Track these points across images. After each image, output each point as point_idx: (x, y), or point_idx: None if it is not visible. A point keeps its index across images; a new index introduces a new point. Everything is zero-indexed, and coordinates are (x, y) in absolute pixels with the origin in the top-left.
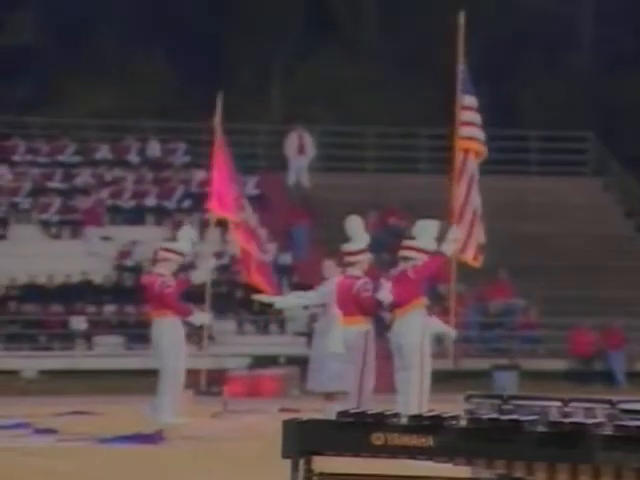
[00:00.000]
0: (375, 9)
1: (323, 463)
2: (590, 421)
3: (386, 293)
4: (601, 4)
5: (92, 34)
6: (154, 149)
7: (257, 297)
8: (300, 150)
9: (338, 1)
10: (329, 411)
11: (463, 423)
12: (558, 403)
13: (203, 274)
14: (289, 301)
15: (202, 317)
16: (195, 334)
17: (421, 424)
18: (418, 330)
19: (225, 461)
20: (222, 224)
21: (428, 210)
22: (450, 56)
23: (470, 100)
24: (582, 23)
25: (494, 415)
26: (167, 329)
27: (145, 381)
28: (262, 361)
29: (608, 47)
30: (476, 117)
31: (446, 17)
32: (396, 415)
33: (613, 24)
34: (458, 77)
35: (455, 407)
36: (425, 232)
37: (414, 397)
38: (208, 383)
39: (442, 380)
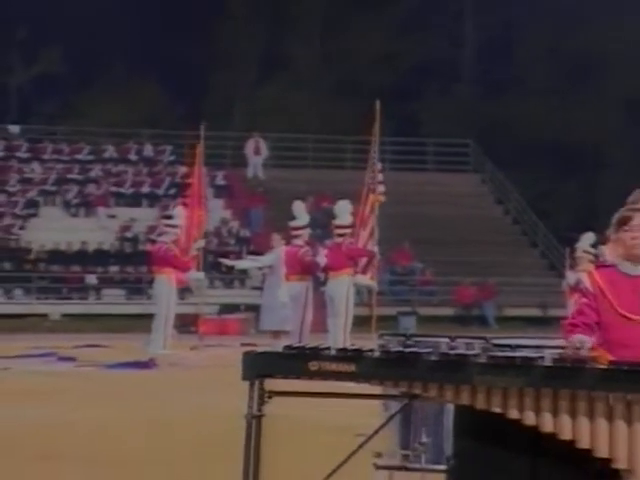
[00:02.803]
0: (319, 49)
1: (273, 384)
2: (469, 352)
3: (322, 258)
4: (480, 47)
5: (104, 64)
6: (148, 150)
7: (222, 260)
8: (256, 151)
9: (289, 41)
10: (276, 345)
11: (377, 354)
12: (447, 340)
13: (195, 249)
14: (245, 264)
15: (197, 274)
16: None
17: (346, 355)
18: (345, 288)
19: (201, 381)
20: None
21: (351, 196)
22: (372, 82)
23: (373, 167)
24: (466, 60)
25: (400, 348)
26: (166, 283)
27: (141, 323)
28: (228, 308)
29: (485, 78)
30: (379, 176)
31: (369, 53)
32: (327, 348)
33: (489, 61)
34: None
35: (371, 343)
36: (343, 210)
37: (340, 335)
38: (188, 324)
39: (361, 323)
